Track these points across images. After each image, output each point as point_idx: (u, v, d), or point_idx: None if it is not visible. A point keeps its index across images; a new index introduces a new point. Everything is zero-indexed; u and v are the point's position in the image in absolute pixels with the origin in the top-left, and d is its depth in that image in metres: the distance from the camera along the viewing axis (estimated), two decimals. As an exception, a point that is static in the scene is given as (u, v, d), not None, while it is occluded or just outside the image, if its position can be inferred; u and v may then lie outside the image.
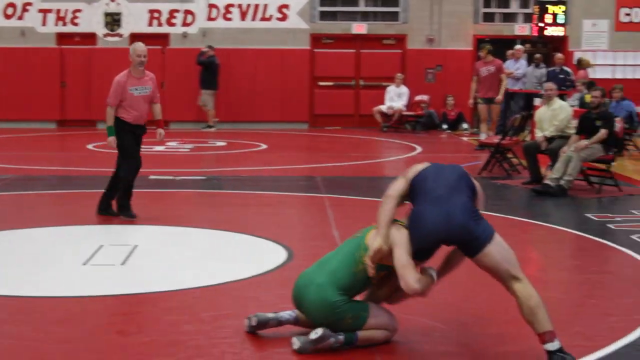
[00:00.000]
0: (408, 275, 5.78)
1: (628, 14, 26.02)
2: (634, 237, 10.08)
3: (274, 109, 25.26)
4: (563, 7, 23.90)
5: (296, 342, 5.98)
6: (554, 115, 14.29)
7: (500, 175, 15.41)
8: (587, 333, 6.54)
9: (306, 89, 25.50)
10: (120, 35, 25.49)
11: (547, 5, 23.81)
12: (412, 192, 6.03)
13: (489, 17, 26.11)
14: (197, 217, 11.42)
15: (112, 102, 10.75)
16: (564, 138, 14.03)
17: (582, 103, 18.03)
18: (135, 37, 25.18)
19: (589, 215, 11.65)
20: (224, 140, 21.46)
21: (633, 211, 12.10)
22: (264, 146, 20.38)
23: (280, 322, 6.33)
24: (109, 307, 7.26)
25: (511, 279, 5.81)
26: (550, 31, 23.79)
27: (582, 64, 21.45)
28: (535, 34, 24.02)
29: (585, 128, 13.62)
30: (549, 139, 14.19)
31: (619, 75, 25.31)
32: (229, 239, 9.89)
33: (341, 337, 6.00)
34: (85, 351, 6.07)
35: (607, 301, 7.51)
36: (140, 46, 10.96)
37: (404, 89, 25.04)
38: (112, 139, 10.91)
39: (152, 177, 14.64)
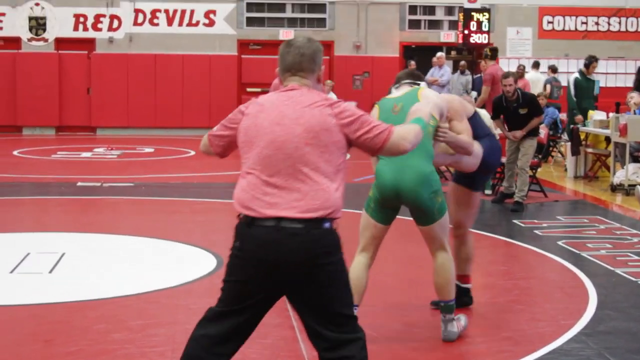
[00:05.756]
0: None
1: (550, 22, 26.42)
2: (560, 242, 10.22)
3: (202, 115, 25.02)
4: (487, 15, 24.17)
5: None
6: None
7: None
8: (515, 338, 6.61)
9: (234, 95, 25.33)
10: (45, 40, 25.15)
11: (472, 13, 24.05)
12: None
13: (415, 24, 26.27)
14: (126, 224, 11.32)
15: None
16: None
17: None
18: (60, 42, 24.96)
19: (515, 221, 11.78)
20: (151, 147, 21.32)
21: (559, 217, 12.28)
22: (192, 152, 20.28)
23: None
24: (36, 316, 7.16)
25: None
26: (475, 38, 24.04)
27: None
28: (461, 41, 24.27)
29: (506, 117, 12.95)
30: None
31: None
32: (158, 247, 9.80)
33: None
34: (12, 361, 6.00)
35: (535, 306, 7.60)
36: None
37: (333, 96, 24.98)
38: None
39: (79, 184, 14.53)
